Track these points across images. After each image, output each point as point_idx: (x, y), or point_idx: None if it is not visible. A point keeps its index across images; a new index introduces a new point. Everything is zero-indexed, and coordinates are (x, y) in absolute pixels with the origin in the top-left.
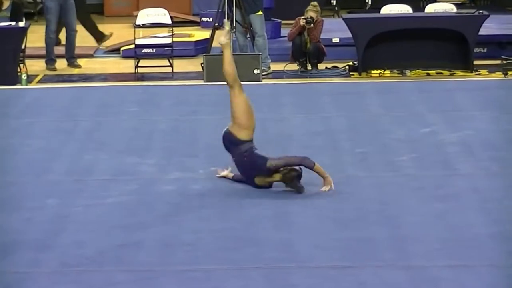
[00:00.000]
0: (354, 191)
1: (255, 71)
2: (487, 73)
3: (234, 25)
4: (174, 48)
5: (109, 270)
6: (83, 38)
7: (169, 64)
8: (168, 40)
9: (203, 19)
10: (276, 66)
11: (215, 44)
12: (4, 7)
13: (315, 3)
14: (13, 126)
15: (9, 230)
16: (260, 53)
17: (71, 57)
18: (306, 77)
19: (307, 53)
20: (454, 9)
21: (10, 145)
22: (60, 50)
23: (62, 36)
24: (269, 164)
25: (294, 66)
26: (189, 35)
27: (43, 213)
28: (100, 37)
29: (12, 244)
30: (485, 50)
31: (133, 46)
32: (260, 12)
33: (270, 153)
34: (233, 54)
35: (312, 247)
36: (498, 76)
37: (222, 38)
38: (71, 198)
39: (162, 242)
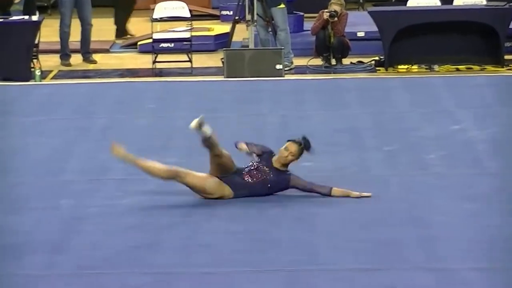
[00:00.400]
0: (380, 190)
1: (277, 67)
2: None
3: (255, 18)
4: (193, 43)
5: (125, 273)
6: (99, 33)
7: (188, 59)
8: (187, 34)
9: (223, 12)
10: (299, 61)
11: (235, 38)
12: (17, 1)
13: None
14: (26, 124)
15: (22, 232)
16: (283, 47)
17: (87, 52)
18: (330, 73)
19: (331, 48)
20: (484, 2)
21: (23, 144)
22: (75, 45)
23: (77, 30)
24: (292, 183)
25: (318, 61)
26: (209, 29)
27: (57, 214)
28: (122, 34)
29: (25, 246)
30: None
31: (150, 40)
32: (282, 5)
33: None
34: (255, 49)
35: (336, 249)
36: None
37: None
38: (86, 198)
39: (180, 243)
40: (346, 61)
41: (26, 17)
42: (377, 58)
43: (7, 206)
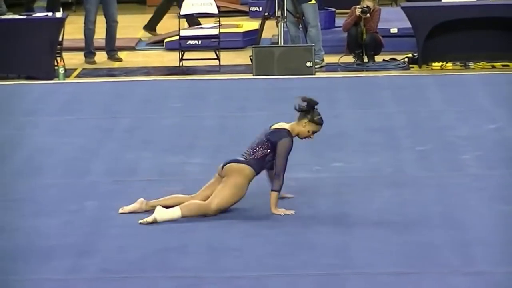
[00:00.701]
0: (415, 192)
1: (308, 64)
2: None
3: (285, 14)
4: (221, 40)
5: (153, 276)
6: (124, 30)
7: (215, 57)
8: (215, 31)
9: (252, 8)
10: (330, 59)
11: (264, 35)
12: None
13: None
14: (50, 124)
15: (48, 235)
16: (313, 44)
17: (112, 50)
18: (362, 70)
19: (363, 45)
20: None
21: (47, 144)
22: (99, 42)
23: (102, 27)
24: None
25: (350, 59)
26: (237, 26)
27: (83, 216)
28: (151, 28)
29: (51, 250)
30: None
31: (177, 37)
32: (313, 1)
33: (324, 152)
34: (285, 46)
35: (370, 252)
36: None
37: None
38: (112, 200)
39: (208, 246)
40: (378, 58)
41: (50, 13)
42: (410, 55)
43: (32, 209)
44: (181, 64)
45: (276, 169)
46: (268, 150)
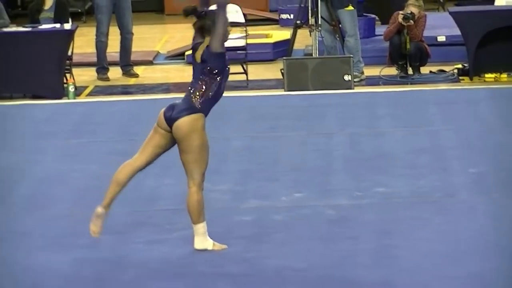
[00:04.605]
0: (468, 218)
1: (346, 77)
2: None
3: (319, 22)
4: (248, 52)
5: None
6: (141, 42)
7: (242, 71)
8: (241, 42)
9: (283, 16)
10: (370, 71)
11: (297, 45)
12: (47, 7)
13: None
14: (60, 149)
15: (60, 272)
16: (352, 55)
17: (127, 65)
18: (407, 83)
19: (408, 55)
20: None
21: (57, 171)
22: (113, 56)
23: (116, 39)
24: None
25: (392, 71)
26: (266, 36)
27: (98, 251)
28: None
29: None
30: None
31: None
32: (351, 7)
33: (365, 176)
34: (320, 58)
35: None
36: None
37: None
38: (130, 232)
39: (238, 282)
40: (425, 69)
41: (58, 25)
42: (460, 66)
43: (40, 243)
44: None
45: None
46: (214, 75)
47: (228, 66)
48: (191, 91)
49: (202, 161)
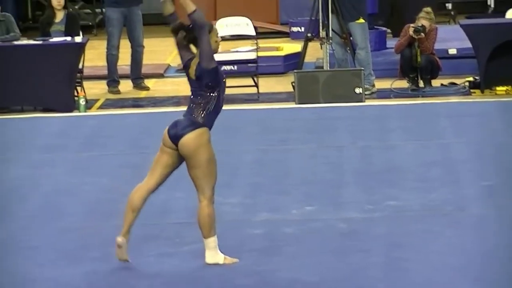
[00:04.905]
0: (480, 233)
1: (357, 90)
2: None
3: (330, 35)
4: (259, 65)
5: None
6: (152, 55)
7: (253, 84)
8: (252, 55)
9: (293, 29)
10: (381, 84)
11: (308, 58)
12: (58, 20)
13: (429, 9)
14: (71, 162)
15: (71, 285)
16: (363, 68)
17: (138, 78)
18: (418, 96)
19: (419, 68)
20: None
21: (67, 184)
22: (124, 69)
23: (127, 52)
24: None
25: (403, 84)
26: (277, 49)
27: (109, 264)
28: None
29: None
30: None
31: None
32: (362, 20)
33: (376, 189)
34: (331, 70)
35: None
36: None
37: None
38: (142, 246)
39: None
40: (436, 82)
41: (69, 38)
42: (471, 78)
43: (51, 256)
44: None
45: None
46: (211, 89)
47: (225, 78)
48: (192, 106)
49: (211, 175)
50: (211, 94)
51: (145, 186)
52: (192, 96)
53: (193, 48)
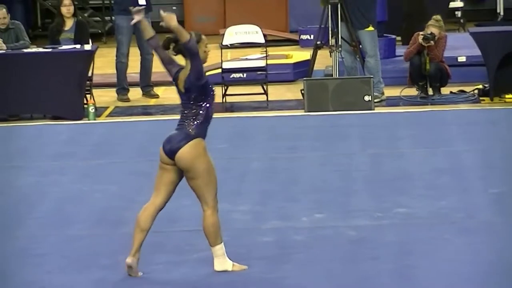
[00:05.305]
0: (488, 239)
1: (366, 98)
2: None
3: (339, 43)
4: (268, 72)
5: None
6: None
7: (263, 92)
8: (261, 63)
9: (303, 36)
10: (390, 92)
11: (317, 66)
12: (67, 27)
13: (438, 17)
14: (80, 169)
15: None
16: (372, 76)
17: (147, 85)
18: (427, 104)
19: (428, 76)
20: None
21: (77, 192)
22: (133, 77)
23: (136, 60)
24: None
25: (413, 91)
26: (286, 56)
27: (119, 272)
28: None
29: None
30: None
31: (219, 70)
32: (371, 28)
33: (386, 196)
34: (340, 78)
35: None
36: None
37: None
38: (151, 253)
39: None
40: (445, 90)
41: (78, 46)
42: (481, 86)
43: (60, 264)
44: (224, 100)
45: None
46: (201, 101)
47: (213, 89)
48: (183, 119)
49: (211, 184)
50: (201, 105)
51: (152, 206)
52: (182, 109)
53: (181, 58)
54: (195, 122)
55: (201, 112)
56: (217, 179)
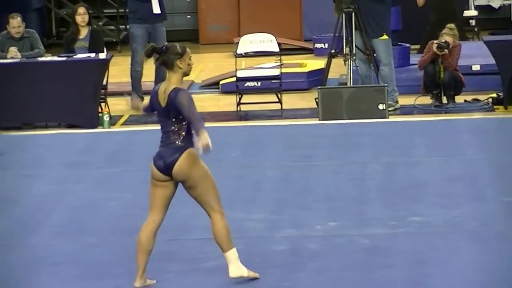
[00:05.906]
0: (503, 247)
1: (380, 107)
2: None
3: (354, 51)
4: (283, 81)
5: None
6: None
7: (277, 100)
8: (276, 71)
9: (317, 45)
10: (405, 100)
11: (331, 74)
12: (82, 36)
13: (452, 25)
14: (95, 177)
15: None
16: (386, 84)
17: None
18: (441, 113)
19: (442, 84)
20: None
21: (91, 200)
22: (148, 85)
23: (151, 69)
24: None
25: (427, 100)
26: (301, 65)
27: (132, 281)
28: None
29: None
30: None
31: (234, 79)
32: (385, 36)
33: (400, 205)
34: (354, 87)
35: None
36: None
37: None
38: (164, 262)
39: None
40: (459, 99)
41: (93, 54)
42: (495, 95)
43: (75, 272)
44: (238, 109)
45: (193, 122)
46: (180, 119)
47: None
48: (167, 135)
49: (212, 188)
50: (181, 120)
51: (152, 224)
52: (161, 127)
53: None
54: (181, 136)
55: (183, 125)
56: (216, 184)
